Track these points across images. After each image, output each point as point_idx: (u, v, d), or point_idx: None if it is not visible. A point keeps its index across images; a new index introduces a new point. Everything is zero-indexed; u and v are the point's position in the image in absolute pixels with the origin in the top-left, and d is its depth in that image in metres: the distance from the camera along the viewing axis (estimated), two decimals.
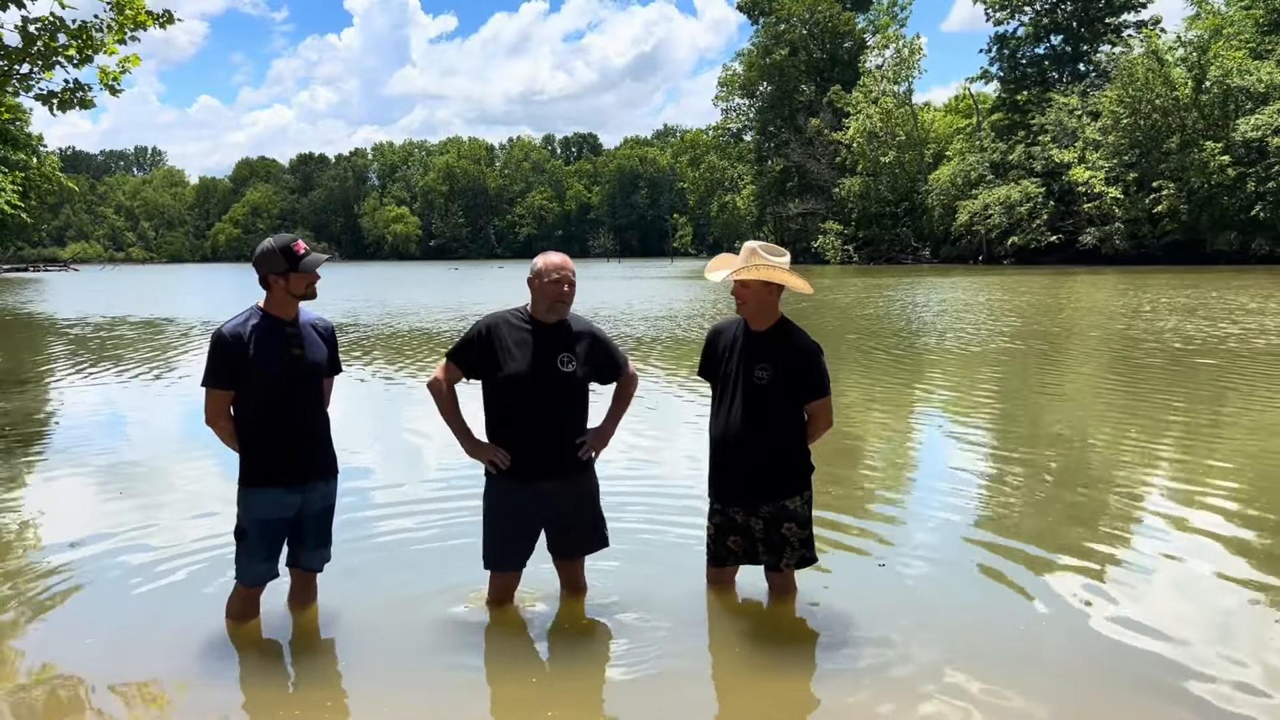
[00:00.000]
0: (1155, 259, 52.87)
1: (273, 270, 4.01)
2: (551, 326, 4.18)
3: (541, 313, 4.18)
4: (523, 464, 4.14)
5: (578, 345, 4.20)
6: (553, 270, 4.13)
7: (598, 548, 4.42)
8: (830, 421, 4.36)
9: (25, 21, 10.92)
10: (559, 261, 4.18)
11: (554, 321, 4.18)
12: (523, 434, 4.13)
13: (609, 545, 4.45)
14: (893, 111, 70.21)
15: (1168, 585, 4.88)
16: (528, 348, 4.12)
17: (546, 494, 4.20)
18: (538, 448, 4.13)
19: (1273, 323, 18.98)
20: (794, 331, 4.29)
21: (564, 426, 4.19)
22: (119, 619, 4.53)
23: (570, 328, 4.23)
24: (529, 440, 4.13)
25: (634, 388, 4.46)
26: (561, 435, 4.18)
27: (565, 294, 4.14)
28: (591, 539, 4.38)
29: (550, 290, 4.12)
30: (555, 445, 4.17)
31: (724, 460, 4.30)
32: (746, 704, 3.75)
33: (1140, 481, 7.08)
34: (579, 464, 4.25)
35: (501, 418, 4.18)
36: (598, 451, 4.32)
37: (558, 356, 4.13)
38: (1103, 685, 3.75)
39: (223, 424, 4.08)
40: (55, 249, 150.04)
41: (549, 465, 4.17)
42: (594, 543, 4.40)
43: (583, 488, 4.31)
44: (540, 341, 4.14)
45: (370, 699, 3.75)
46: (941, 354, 15.57)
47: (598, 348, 4.28)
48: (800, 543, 4.28)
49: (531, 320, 4.19)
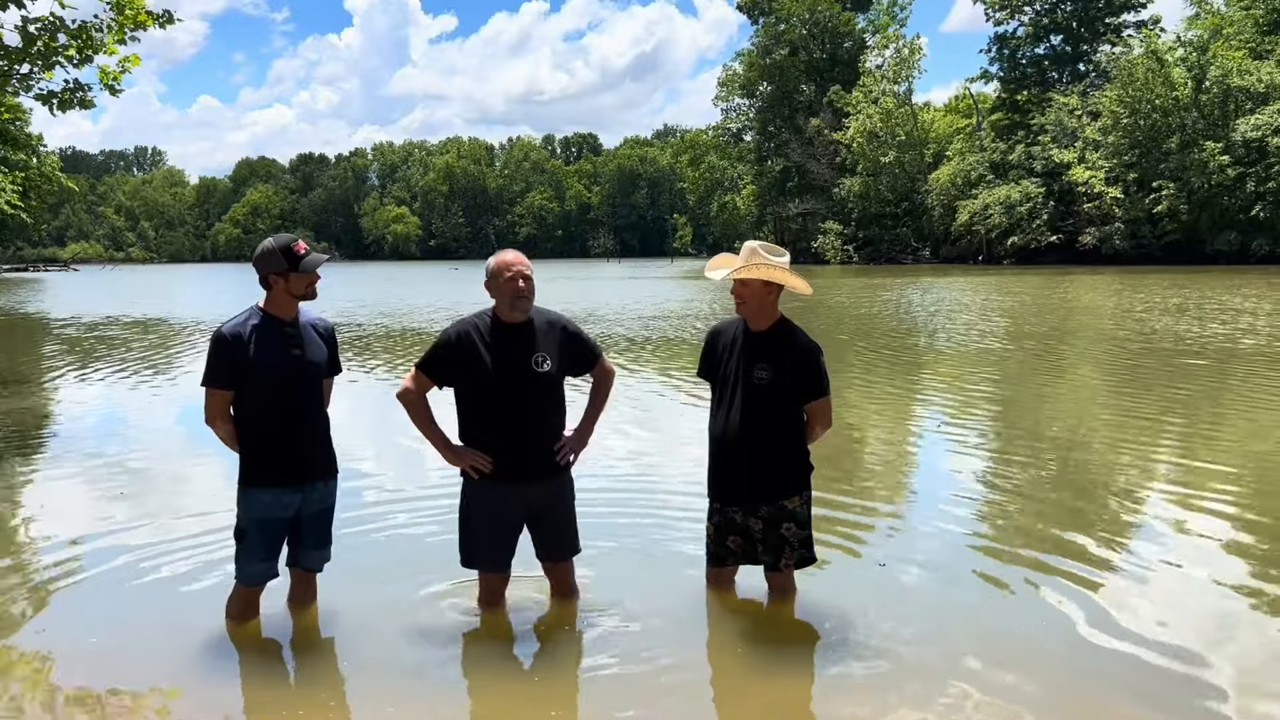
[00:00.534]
0: (1155, 259, 52.86)
1: (273, 270, 4.02)
2: (519, 326, 4.13)
3: (506, 313, 4.12)
4: (503, 467, 4.10)
5: (548, 342, 4.16)
6: (505, 268, 4.08)
7: (574, 552, 4.40)
8: (830, 422, 4.36)
9: (25, 21, 10.92)
10: (511, 258, 4.13)
11: (521, 321, 4.13)
12: (501, 438, 4.09)
13: (580, 551, 4.43)
14: (893, 111, 70.18)
15: (1166, 588, 4.87)
16: (499, 351, 4.07)
17: (527, 495, 4.18)
18: (517, 450, 4.10)
19: (1264, 323, 18.98)
20: (794, 331, 4.29)
21: (543, 427, 4.16)
22: (119, 619, 4.53)
23: (537, 325, 4.17)
24: (509, 443, 4.09)
25: (610, 383, 4.41)
26: (541, 436, 4.15)
27: (522, 289, 4.06)
28: (574, 542, 4.38)
29: (507, 288, 4.06)
30: (535, 447, 4.14)
31: (723, 460, 4.30)
32: (747, 705, 3.75)
33: (1139, 483, 7.07)
34: (559, 467, 4.23)
35: (477, 422, 4.13)
36: (576, 454, 4.29)
37: (531, 357, 4.09)
38: (1102, 689, 3.75)
39: (222, 424, 4.08)
40: (55, 249, 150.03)
41: (530, 467, 4.14)
42: (572, 546, 4.39)
43: (562, 489, 4.30)
44: (511, 344, 4.10)
45: (371, 699, 3.75)
46: (940, 354, 15.58)
47: (569, 341, 4.24)
48: (800, 543, 4.28)
49: (498, 322, 4.14)
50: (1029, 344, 16.66)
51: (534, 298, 4.14)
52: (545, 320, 4.22)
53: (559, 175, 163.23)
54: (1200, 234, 52.36)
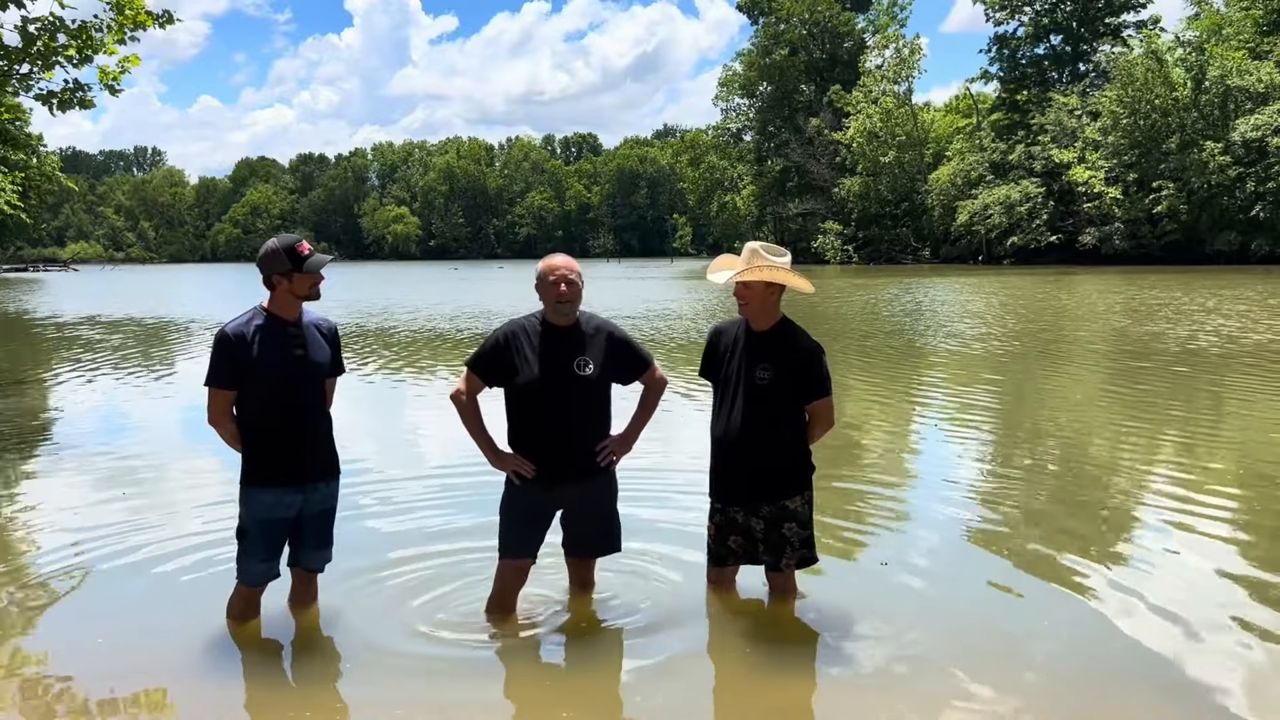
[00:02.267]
0: (1155, 259, 52.86)
1: (276, 270, 4.02)
2: (566, 330, 4.16)
3: (551, 315, 4.17)
4: (544, 469, 4.14)
5: (594, 347, 4.18)
6: (550, 271, 4.12)
7: (609, 551, 4.42)
8: (832, 422, 4.36)
9: (25, 21, 10.91)
10: (558, 262, 4.16)
11: (566, 324, 4.16)
12: (543, 439, 4.13)
13: (620, 550, 4.45)
14: (893, 111, 70.16)
15: (1168, 587, 4.87)
16: (543, 353, 4.11)
17: (566, 497, 4.22)
18: (558, 453, 4.13)
19: (1261, 324, 18.99)
20: (795, 332, 4.30)
21: (584, 431, 4.18)
22: (121, 619, 4.54)
23: (584, 330, 4.20)
24: (550, 445, 4.13)
25: (660, 392, 4.41)
26: (582, 439, 4.18)
27: (564, 293, 4.09)
28: (603, 543, 4.39)
29: (551, 292, 4.11)
30: (576, 449, 4.16)
31: (725, 460, 4.30)
32: (749, 704, 3.75)
33: (1141, 482, 7.07)
34: (600, 468, 4.24)
35: (522, 422, 4.17)
36: (619, 457, 4.30)
37: (574, 360, 4.12)
38: (1104, 686, 3.75)
39: (225, 424, 4.08)
40: (55, 249, 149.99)
41: (570, 470, 4.17)
42: (606, 546, 4.40)
43: (603, 491, 4.31)
44: (555, 346, 4.13)
45: (373, 699, 3.75)
46: (941, 353, 15.58)
47: (617, 347, 4.26)
48: (801, 543, 4.29)
49: (546, 325, 4.19)
50: (1029, 343, 16.66)
51: (579, 301, 4.19)
52: (594, 325, 4.25)
53: (559, 175, 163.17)
54: (1200, 234, 52.37)
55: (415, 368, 14.59)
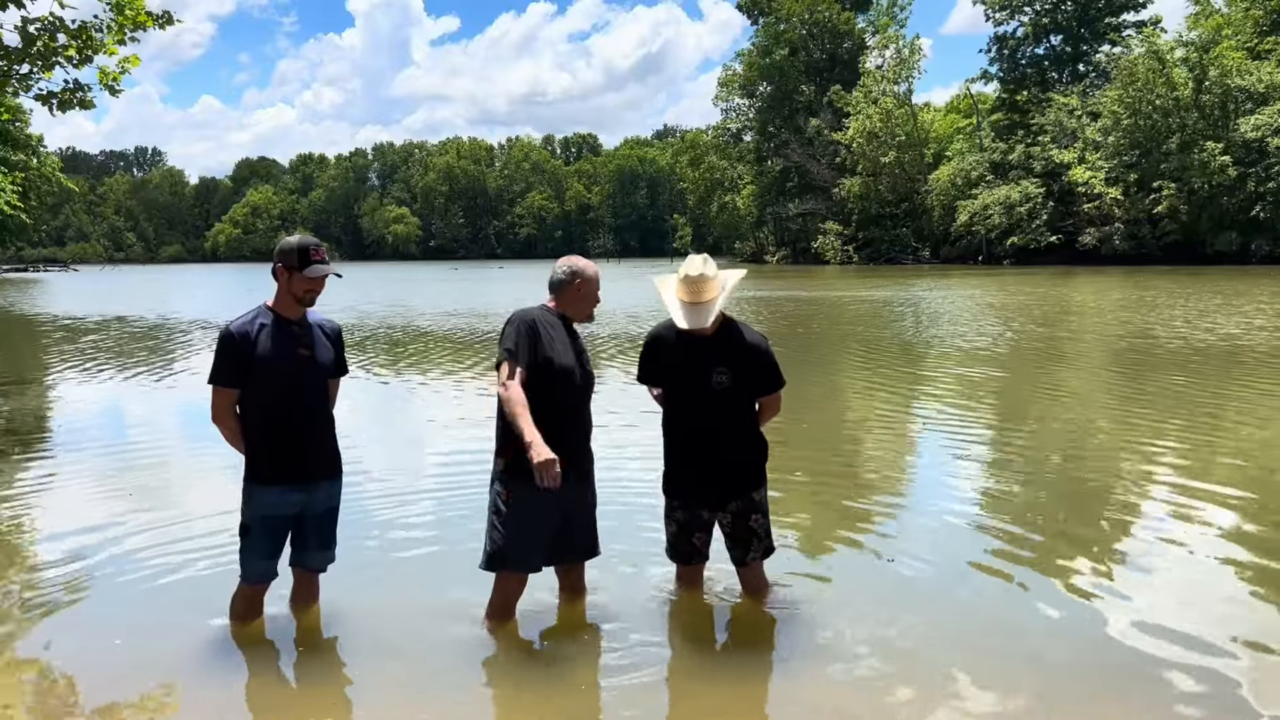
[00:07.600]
0: (1155, 259, 52.82)
1: (285, 263, 4.05)
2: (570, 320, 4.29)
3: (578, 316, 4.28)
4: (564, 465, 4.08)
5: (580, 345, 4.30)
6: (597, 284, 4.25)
7: (598, 552, 4.42)
8: (778, 409, 4.44)
9: (25, 21, 10.90)
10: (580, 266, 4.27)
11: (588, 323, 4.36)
12: (561, 430, 4.03)
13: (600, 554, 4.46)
14: (893, 112, 70.14)
15: (1171, 586, 4.87)
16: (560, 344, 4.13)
17: (568, 499, 4.13)
18: (577, 448, 4.14)
19: (1255, 323, 19.00)
20: (740, 329, 4.33)
21: (586, 423, 4.23)
22: (122, 618, 4.53)
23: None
24: (571, 439, 4.10)
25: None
26: (585, 433, 4.23)
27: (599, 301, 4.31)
28: (595, 544, 4.39)
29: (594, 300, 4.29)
30: (584, 446, 4.22)
31: (693, 463, 4.31)
32: (750, 704, 3.75)
33: (1143, 480, 7.06)
34: (589, 468, 4.29)
35: (545, 416, 3.93)
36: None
37: (581, 356, 4.21)
38: (1105, 686, 3.75)
39: (228, 422, 4.08)
40: (55, 249, 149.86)
41: (582, 466, 4.19)
42: (596, 546, 4.40)
43: (591, 489, 4.34)
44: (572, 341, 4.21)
45: (374, 699, 3.75)
46: (942, 353, 15.57)
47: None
48: (765, 533, 4.37)
49: (564, 319, 4.24)
50: (1030, 343, 16.66)
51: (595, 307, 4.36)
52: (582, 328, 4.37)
53: (559, 175, 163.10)
54: (1200, 234, 52.33)
55: (415, 368, 14.60)
